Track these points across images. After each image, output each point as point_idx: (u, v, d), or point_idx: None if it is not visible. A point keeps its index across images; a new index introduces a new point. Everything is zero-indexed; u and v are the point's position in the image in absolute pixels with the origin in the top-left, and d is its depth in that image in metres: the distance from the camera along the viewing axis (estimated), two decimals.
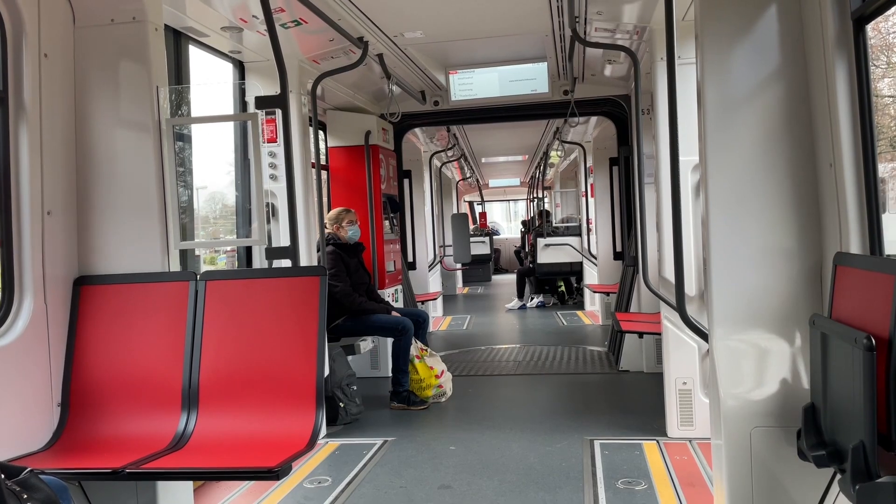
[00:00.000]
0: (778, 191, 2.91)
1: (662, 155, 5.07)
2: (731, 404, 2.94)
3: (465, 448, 4.92)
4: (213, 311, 3.32)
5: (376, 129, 7.49)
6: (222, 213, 6.24)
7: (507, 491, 4.11)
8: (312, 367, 3.14)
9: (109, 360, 3.34)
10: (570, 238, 13.03)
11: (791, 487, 2.86)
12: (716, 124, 2.97)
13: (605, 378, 6.97)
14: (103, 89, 3.44)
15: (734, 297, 2.96)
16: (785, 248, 2.91)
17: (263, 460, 2.80)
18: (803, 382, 2.85)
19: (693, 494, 3.93)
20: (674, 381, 4.92)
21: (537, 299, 12.98)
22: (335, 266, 6.00)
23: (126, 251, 3.43)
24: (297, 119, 5.28)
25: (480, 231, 18.44)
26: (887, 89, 4.51)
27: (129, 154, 3.44)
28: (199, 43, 4.96)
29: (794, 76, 2.89)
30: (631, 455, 4.60)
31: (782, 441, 2.87)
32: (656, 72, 5.12)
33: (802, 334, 2.86)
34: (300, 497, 4.16)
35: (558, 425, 5.34)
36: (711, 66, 2.98)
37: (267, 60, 5.40)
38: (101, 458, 2.97)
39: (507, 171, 20.06)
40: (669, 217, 3.48)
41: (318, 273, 3.27)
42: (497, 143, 14.10)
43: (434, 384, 6.15)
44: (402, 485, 4.28)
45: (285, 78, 3.44)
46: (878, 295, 2.23)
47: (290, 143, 3.53)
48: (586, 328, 10.20)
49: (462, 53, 6.98)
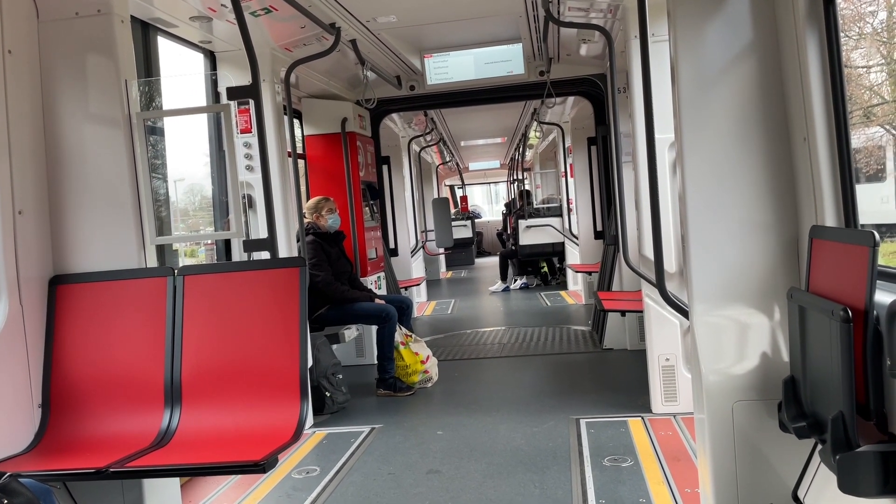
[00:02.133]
0: (753, 166, 2.92)
1: (639, 133, 5.08)
2: (712, 379, 2.96)
3: (453, 432, 4.94)
4: (193, 305, 3.29)
5: (352, 116, 7.44)
6: (201, 205, 6.18)
7: (495, 473, 4.14)
8: (295, 359, 3.13)
9: (89, 359, 3.31)
10: (552, 219, 13.06)
11: (773, 459, 2.90)
12: (690, 101, 2.97)
13: (590, 357, 7.02)
14: (71, 85, 3.37)
15: (713, 273, 2.98)
16: (762, 222, 2.93)
17: (249, 454, 2.79)
18: (783, 355, 2.88)
19: (678, 469, 3.97)
20: (657, 357, 4.96)
21: (520, 281, 13.02)
22: (316, 255, 5.96)
23: (101, 248, 3.39)
24: (270, 108, 5.22)
25: (462, 215, 18.43)
26: (860, 59, 4.53)
27: (100, 149, 3.38)
28: (168, 34, 4.87)
29: (767, 50, 2.89)
30: (617, 432, 4.64)
31: (763, 414, 2.90)
32: (631, 50, 5.11)
33: (781, 307, 2.89)
34: (289, 488, 4.15)
35: (544, 406, 5.37)
36: (684, 42, 2.97)
37: (238, 50, 5.32)
38: (85, 458, 2.95)
39: (486, 154, 20.03)
40: (647, 195, 3.49)
41: (297, 264, 3.25)
42: (475, 126, 14.07)
43: (420, 370, 6.15)
44: (390, 471, 4.30)
45: (256, 67, 3.39)
46: (853, 267, 2.25)
47: (263, 133, 3.49)
48: (569, 308, 10.25)
49: (436, 37, 6.93)
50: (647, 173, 3.35)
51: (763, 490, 2.92)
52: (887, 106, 4.72)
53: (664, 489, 3.73)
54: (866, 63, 4.67)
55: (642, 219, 5.28)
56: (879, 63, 4.59)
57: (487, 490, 3.91)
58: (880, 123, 4.76)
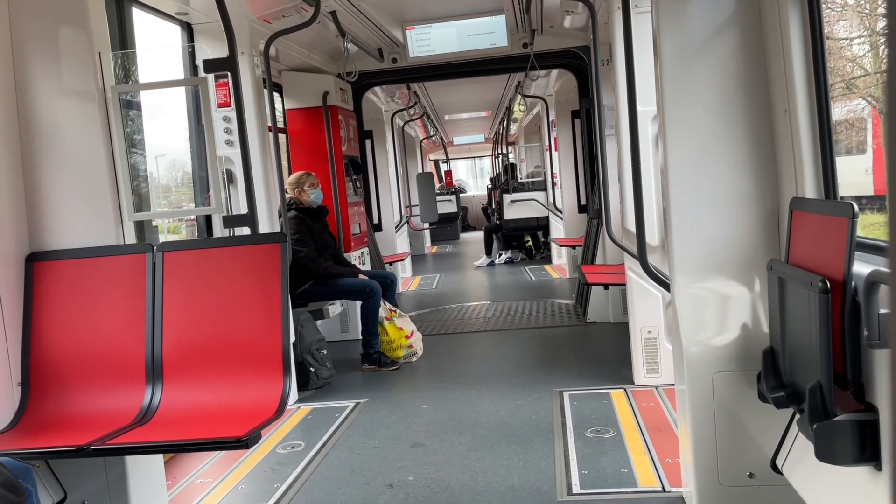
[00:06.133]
0: (735, 138, 2.92)
1: (622, 106, 5.05)
2: (693, 351, 2.99)
3: (437, 406, 4.96)
4: (173, 282, 3.26)
5: (334, 90, 7.34)
6: (183, 181, 6.10)
7: (478, 446, 4.17)
8: (277, 335, 3.12)
9: (69, 337, 3.27)
10: (536, 193, 13.05)
11: (752, 428, 2.94)
12: (672, 73, 2.95)
13: (574, 330, 7.06)
14: (43, 58, 3.29)
15: (694, 246, 2.99)
16: (743, 194, 2.94)
17: (232, 430, 2.78)
18: (763, 327, 2.91)
19: (660, 439, 4.02)
20: (639, 330, 4.99)
21: (505, 255, 13.04)
22: (299, 231, 5.93)
23: (78, 225, 3.34)
24: (249, 82, 5.14)
25: (447, 189, 18.37)
26: (843, 31, 4.52)
27: (75, 124, 3.32)
28: (144, 5, 4.76)
29: (749, 22, 2.88)
30: (599, 404, 4.68)
31: (743, 384, 2.94)
32: (614, 22, 5.07)
33: (761, 279, 2.91)
34: (273, 463, 4.17)
35: (528, 379, 5.41)
36: (667, 14, 2.95)
37: (216, 22, 5.20)
38: (66, 436, 2.93)
39: (471, 128, 19.92)
40: (630, 168, 3.48)
41: (278, 240, 3.22)
42: (459, 100, 13.96)
43: (404, 345, 6.16)
44: (375, 445, 4.32)
45: (233, 40, 3.33)
46: (832, 238, 2.27)
47: (241, 107, 3.43)
48: (554, 282, 10.29)
49: (418, 8, 6.83)
50: (630, 146, 3.34)
51: (742, 459, 2.97)
52: (869, 78, 4.72)
53: (646, 459, 3.78)
54: (848, 35, 4.66)
55: (625, 192, 5.28)
56: (861, 35, 4.58)
57: (471, 462, 3.94)
58: (861, 95, 4.77)
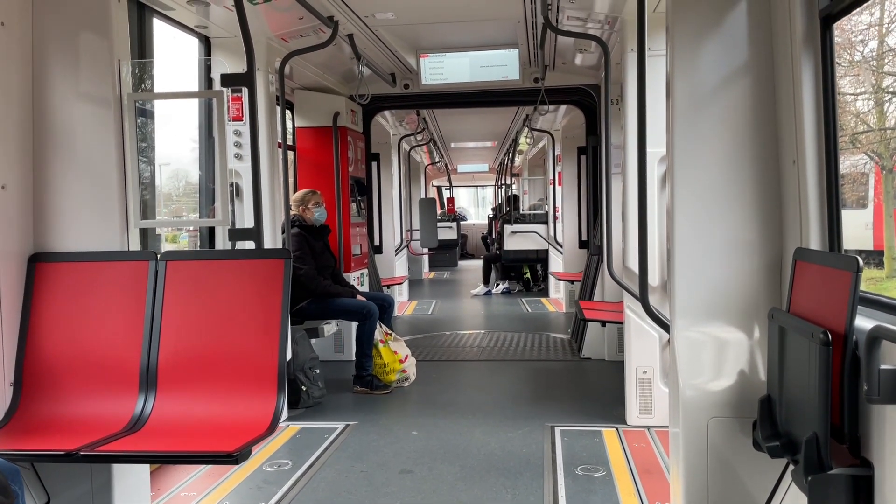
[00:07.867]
0: (742, 185, 2.95)
1: (630, 145, 5.10)
2: (689, 394, 2.98)
3: (427, 433, 4.93)
4: (174, 291, 3.25)
5: (345, 111, 7.41)
6: (185, 190, 6.12)
7: (467, 476, 4.13)
8: (275, 352, 3.11)
9: (65, 340, 3.26)
10: (537, 225, 13.09)
11: (745, 477, 2.92)
12: (684, 117, 2.98)
13: (568, 365, 7.04)
14: (62, 61, 3.33)
15: (696, 289, 2.99)
16: (747, 241, 2.95)
17: (222, 444, 2.76)
18: (760, 374, 2.91)
19: (650, 482, 3.99)
20: (634, 369, 4.98)
21: (503, 286, 13.04)
22: (300, 248, 5.93)
23: (84, 228, 3.34)
24: (263, 98, 5.19)
25: (448, 216, 18.42)
26: (849, 87, 4.59)
27: (89, 128, 3.34)
28: (164, 16, 4.83)
29: (762, 72, 2.92)
30: (591, 442, 4.65)
31: (738, 431, 2.92)
32: (626, 62, 5.13)
33: (761, 327, 2.91)
34: (259, 481, 4.12)
35: (520, 412, 5.38)
36: (681, 59, 2.99)
37: (234, 37, 5.29)
38: (55, 440, 2.91)
39: (475, 157, 20.04)
40: (635, 207, 3.51)
41: (282, 256, 3.22)
42: (466, 129, 14.07)
43: (398, 369, 6.14)
44: (362, 469, 4.28)
45: (252, 55, 3.37)
46: (835, 290, 2.27)
47: (255, 122, 3.46)
48: (550, 315, 10.28)
49: (433, 37, 6.92)
50: (637, 186, 3.37)
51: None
52: (872, 134, 4.78)
53: (635, 501, 3.75)
54: (854, 91, 4.73)
55: (628, 231, 5.30)
56: (867, 91, 4.65)
57: (459, 493, 3.90)
58: (865, 151, 4.82)
